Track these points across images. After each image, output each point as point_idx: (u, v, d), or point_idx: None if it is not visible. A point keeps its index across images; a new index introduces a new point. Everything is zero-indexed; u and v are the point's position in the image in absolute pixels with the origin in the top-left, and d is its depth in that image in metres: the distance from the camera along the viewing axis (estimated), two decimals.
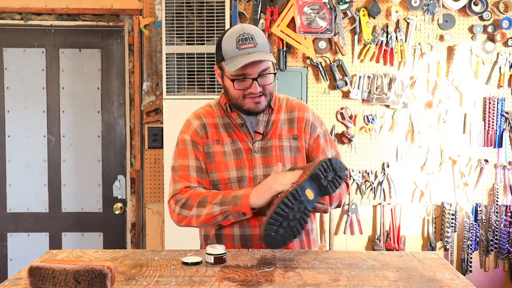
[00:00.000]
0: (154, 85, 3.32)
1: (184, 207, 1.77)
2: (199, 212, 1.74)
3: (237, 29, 1.76)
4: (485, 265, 3.42)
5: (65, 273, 1.27)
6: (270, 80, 1.78)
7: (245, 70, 1.73)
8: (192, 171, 1.82)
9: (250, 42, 1.73)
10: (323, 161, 1.68)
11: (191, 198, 1.77)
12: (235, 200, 1.71)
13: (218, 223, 1.75)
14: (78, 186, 3.47)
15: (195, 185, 1.82)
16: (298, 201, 1.62)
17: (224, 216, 1.72)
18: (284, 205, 1.60)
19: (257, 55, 1.71)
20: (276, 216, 1.59)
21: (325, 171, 1.66)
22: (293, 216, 1.62)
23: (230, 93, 1.80)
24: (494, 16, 3.30)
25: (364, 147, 3.35)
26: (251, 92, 1.75)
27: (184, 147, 1.86)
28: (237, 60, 1.72)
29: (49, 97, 3.45)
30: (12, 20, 3.38)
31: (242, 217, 1.72)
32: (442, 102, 3.33)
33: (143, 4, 3.33)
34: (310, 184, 1.66)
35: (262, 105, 1.80)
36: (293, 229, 1.63)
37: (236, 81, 1.75)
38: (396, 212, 3.37)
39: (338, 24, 3.24)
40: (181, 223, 1.81)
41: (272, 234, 1.60)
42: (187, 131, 1.87)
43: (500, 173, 3.36)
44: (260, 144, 1.84)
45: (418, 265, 1.56)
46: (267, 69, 1.76)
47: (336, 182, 1.68)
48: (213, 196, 1.75)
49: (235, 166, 1.82)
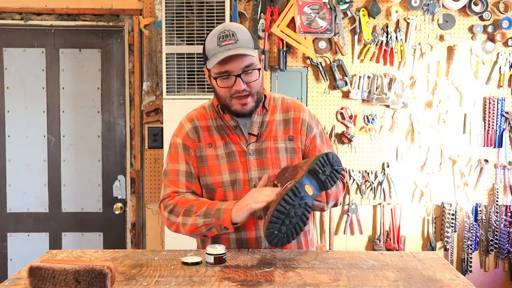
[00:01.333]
0: (154, 85, 3.32)
1: (172, 213, 1.77)
2: (185, 221, 1.74)
3: (220, 27, 1.74)
4: (485, 265, 3.42)
5: (65, 273, 1.27)
6: (255, 76, 1.74)
7: (226, 66, 1.70)
8: (181, 176, 1.82)
9: (231, 39, 1.70)
10: (320, 156, 1.68)
11: (178, 205, 1.77)
12: (218, 214, 1.69)
13: (203, 233, 1.75)
14: (78, 186, 3.47)
15: (183, 190, 1.81)
16: (298, 197, 1.62)
17: (208, 228, 1.71)
18: (285, 202, 1.60)
19: (237, 50, 1.68)
20: (277, 214, 1.59)
21: (323, 165, 1.67)
22: (295, 213, 1.61)
23: (218, 93, 1.77)
24: (494, 16, 3.30)
25: (364, 147, 3.35)
26: (236, 90, 1.72)
27: (175, 151, 1.85)
28: (216, 56, 1.69)
29: (49, 97, 3.45)
30: (12, 20, 3.38)
31: (224, 231, 1.71)
32: (442, 102, 3.33)
33: (143, 4, 3.33)
34: (309, 179, 1.66)
35: (249, 106, 1.76)
36: (295, 226, 1.62)
37: (219, 79, 1.72)
38: (396, 212, 3.37)
39: (338, 24, 3.24)
40: (171, 228, 1.80)
41: (275, 233, 1.59)
42: (179, 134, 1.86)
43: (500, 173, 3.36)
44: (254, 146, 1.81)
45: (418, 265, 1.56)
46: (251, 65, 1.72)
47: (334, 176, 1.69)
48: (198, 206, 1.74)
49: (228, 169, 1.80)
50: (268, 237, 1.59)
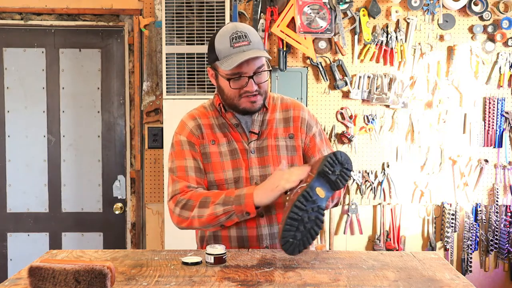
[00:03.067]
0: (154, 85, 3.32)
1: (185, 208, 1.74)
2: (201, 213, 1.71)
3: (229, 27, 1.74)
4: (485, 265, 3.42)
5: (65, 273, 1.27)
6: (265, 77, 1.77)
7: (240, 68, 1.70)
8: (190, 171, 1.80)
9: (244, 40, 1.70)
10: (328, 156, 1.65)
11: (192, 198, 1.74)
12: (238, 200, 1.68)
13: (221, 223, 1.72)
14: (78, 186, 3.47)
15: (194, 185, 1.79)
16: (310, 201, 1.59)
17: (228, 216, 1.69)
18: (297, 208, 1.56)
19: (252, 52, 1.69)
20: (291, 222, 1.56)
21: (332, 165, 1.63)
22: (308, 218, 1.58)
23: (226, 93, 1.77)
24: (494, 16, 3.30)
25: (364, 147, 3.35)
26: (247, 90, 1.73)
27: (180, 148, 1.83)
28: (232, 58, 1.69)
29: (49, 97, 3.45)
30: (12, 20, 3.38)
31: (246, 217, 1.69)
32: (442, 102, 3.33)
33: (143, 4, 3.33)
34: (319, 181, 1.63)
35: (258, 104, 1.78)
36: (310, 231, 1.59)
37: (232, 80, 1.73)
38: (396, 212, 3.37)
39: (338, 24, 3.24)
40: (182, 225, 1.76)
41: (290, 240, 1.56)
42: (182, 132, 1.85)
43: (500, 173, 3.36)
44: (255, 144, 1.82)
45: (418, 265, 1.56)
46: (262, 67, 1.74)
47: (344, 175, 1.66)
48: (215, 196, 1.72)
49: (232, 166, 1.80)
50: (284, 246, 1.56)
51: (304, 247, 1.59)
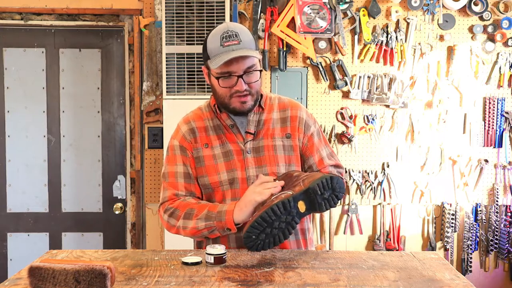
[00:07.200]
0: (154, 85, 3.32)
1: (172, 216, 1.78)
2: (186, 224, 1.75)
3: (222, 27, 1.75)
4: (485, 265, 3.42)
5: (65, 273, 1.27)
6: (256, 77, 1.76)
7: (229, 67, 1.71)
8: (179, 177, 1.83)
9: (234, 39, 1.71)
10: (324, 177, 1.65)
11: (179, 208, 1.78)
12: (219, 216, 1.70)
13: (205, 236, 1.75)
14: (78, 186, 3.47)
15: (183, 192, 1.82)
16: (288, 211, 1.59)
17: (210, 231, 1.72)
18: (272, 212, 1.58)
19: (241, 51, 1.69)
20: (260, 221, 1.57)
21: (323, 188, 1.63)
22: (278, 225, 1.59)
23: (217, 92, 1.78)
24: (494, 16, 3.30)
25: (364, 147, 3.35)
26: (237, 90, 1.73)
27: (173, 153, 1.86)
28: (220, 57, 1.70)
29: (49, 97, 3.45)
30: (12, 20, 3.38)
31: (227, 232, 1.72)
32: (442, 102, 3.33)
33: (143, 4, 3.33)
34: (305, 196, 1.63)
35: (248, 105, 1.78)
36: (275, 237, 1.61)
37: (221, 79, 1.73)
38: (396, 212, 3.37)
39: (338, 24, 3.24)
40: (171, 231, 1.82)
41: (252, 237, 1.59)
42: (176, 136, 1.88)
43: (500, 173, 3.36)
44: (252, 144, 1.82)
45: (418, 265, 1.56)
46: (253, 66, 1.74)
47: (331, 200, 1.66)
48: (199, 209, 1.74)
49: (226, 168, 1.80)
50: (245, 239, 1.60)
51: (263, 249, 1.62)
